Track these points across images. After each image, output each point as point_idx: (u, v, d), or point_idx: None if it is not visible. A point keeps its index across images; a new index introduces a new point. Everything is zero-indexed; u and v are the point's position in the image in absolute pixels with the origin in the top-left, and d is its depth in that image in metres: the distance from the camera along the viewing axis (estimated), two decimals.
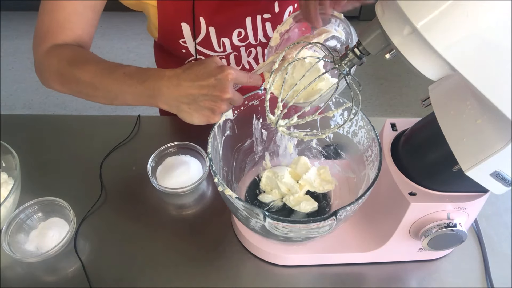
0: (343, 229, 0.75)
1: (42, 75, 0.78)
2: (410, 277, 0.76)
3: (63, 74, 0.73)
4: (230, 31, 0.88)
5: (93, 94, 0.71)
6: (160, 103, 0.65)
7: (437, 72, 0.45)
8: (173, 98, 0.63)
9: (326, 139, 0.82)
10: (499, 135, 0.49)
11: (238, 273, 0.75)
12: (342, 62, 0.56)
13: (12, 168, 0.81)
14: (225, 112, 0.65)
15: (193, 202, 0.85)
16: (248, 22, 0.88)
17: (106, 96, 0.70)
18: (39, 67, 0.78)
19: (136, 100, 0.67)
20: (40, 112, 2.28)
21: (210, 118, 0.64)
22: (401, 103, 2.36)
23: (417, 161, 0.66)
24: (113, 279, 0.74)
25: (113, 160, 0.91)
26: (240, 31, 0.88)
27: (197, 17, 0.84)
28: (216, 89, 0.61)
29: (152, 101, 0.65)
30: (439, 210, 0.65)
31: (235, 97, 0.64)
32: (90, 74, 0.70)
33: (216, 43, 0.89)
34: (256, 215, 0.59)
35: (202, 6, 0.83)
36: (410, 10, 0.41)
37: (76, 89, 0.74)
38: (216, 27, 0.86)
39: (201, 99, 0.62)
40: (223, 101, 0.62)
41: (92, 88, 0.71)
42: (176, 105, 0.64)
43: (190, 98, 0.62)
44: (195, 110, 0.64)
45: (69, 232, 0.75)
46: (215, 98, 0.62)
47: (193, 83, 0.62)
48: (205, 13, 0.84)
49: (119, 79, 0.68)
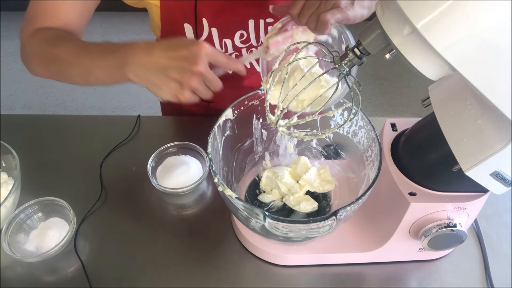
0: (343, 229, 0.75)
1: (25, 59, 0.77)
2: (410, 277, 0.76)
3: (43, 54, 0.72)
4: (233, 32, 0.88)
5: (69, 72, 0.69)
6: (129, 73, 0.61)
7: (437, 72, 0.45)
8: (142, 67, 0.60)
9: (326, 139, 0.82)
10: (499, 135, 0.49)
11: (238, 273, 0.75)
12: (342, 62, 0.56)
13: (12, 168, 0.81)
14: (198, 90, 0.60)
15: (193, 202, 0.85)
16: (251, 24, 0.88)
17: (81, 73, 0.68)
18: (23, 50, 0.77)
19: (107, 73, 0.64)
20: (40, 112, 2.28)
21: (178, 93, 0.60)
22: (401, 103, 2.36)
23: (417, 161, 0.66)
24: (113, 279, 0.74)
25: (113, 160, 0.91)
26: (243, 33, 0.89)
27: (200, 18, 0.84)
28: (187, 61, 0.58)
29: (121, 72, 0.62)
30: (439, 210, 0.65)
31: (208, 74, 0.59)
32: (67, 51, 0.69)
33: (218, 44, 0.89)
34: (256, 215, 0.59)
35: (205, 7, 0.83)
36: (410, 10, 0.41)
37: (54, 70, 0.72)
38: (219, 29, 0.87)
39: (170, 70, 0.58)
40: (193, 74, 0.58)
41: (67, 65, 0.69)
42: (145, 76, 0.61)
43: (159, 68, 0.59)
44: (163, 83, 0.60)
45: (69, 232, 0.75)
46: (185, 70, 0.58)
47: (164, 53, 0.59)
48: (208, 14, 0.84)
49: (92, 53, 0.66)
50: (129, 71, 0.61)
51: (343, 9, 0.60)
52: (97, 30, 2.66)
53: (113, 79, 0.65)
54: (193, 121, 1.02)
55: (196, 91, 0.61)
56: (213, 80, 0.61)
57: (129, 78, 0.62)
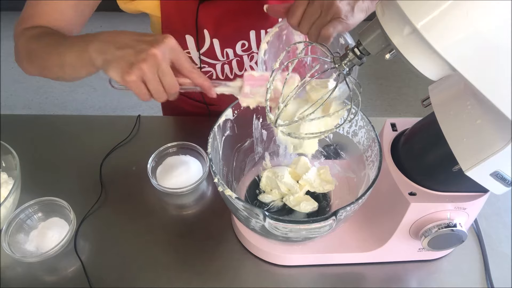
0: (343, 229, 0.75)
1: (17, 58, 0.77)
2: (410, 277, 0.76)
3: (29, 50, 0.72)
4: (234, 42, 0.89)
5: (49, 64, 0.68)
6: (91, 49, 0.58)
7: (437, 72, 0.45)
8: (105, 42, 0.58)
9: (326, 139, 0.82)
10: (499, 135, 0.49)
11: (238, 273, 0.75)
12: (342, 62, 0.56)
13: (12, 168, 0.81)
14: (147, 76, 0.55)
15: (193, 202, 0.85)
16: (252, 35, 0.88)
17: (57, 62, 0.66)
18: (15, 49, 0.77)
19: (77, 56, 0.62)
20: (40, 112, 2.28)
21: (125, 73, 0.54)
22: (401, 103, 2.36)
23: (417, 161, 0.66)
24: (113, 279, 0.74)
25: (113, 160, 0.91)
26: (244, 42, 0.89)
27: (201, 30, 0.84)
28: (147, 43, 0.54)
29: (85, 50, 0.59)
30: (439, 210, 0.65)
31: (164, 63, 0.54)
32: (49, 44, 0.69)
33: (220, 53, 0.90)
34: (256, 215, 0.59)
35: (206, 19, 0.83)
36: (410, 10, 0.41)
37: (39, 64, 0.71)
38: (220, 39, 0.87)
39: (128, 50, 0.55)
40: (148, 56, 0.53)
41: (47, 57, 0.68)
42: (103, 51, 0.57)
43: (118, 46, 0.56)
44: (115, 59, 0.55)
45: (69, 232, 0.75)
46: (140, 51, 0.54)
47: (130, 35, 0.57)
48: (209, 25, 0.84)
49: (67, 41, 0.66)
50: (92, 48, 0.59)
51: (343, 19, 0.59)
52: (97, 30, 2.66)
53: (82, 63, 0.62)
54: (193, 121, 1.02)
55: (145, 79, 0.55)
56: (167, 74, 0.55)
57: (90, 56, 0.59)
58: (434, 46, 0.40)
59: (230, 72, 0.95)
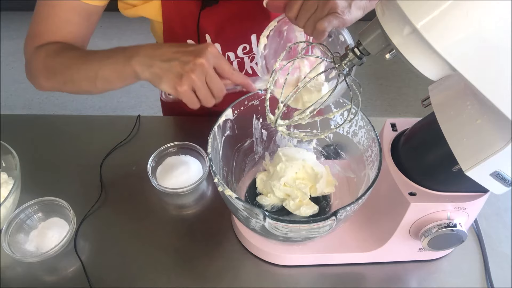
0: (343, 229, 0.75)
1: (31, 74, 0.78)
2: (410, 277, 0.76)
3: (49, 66, 0.73)
4: (236, 46, 0.89)
5: (76, 78, 0.70)
6: (135, 64, 0.62)
7: (437, 72, 0.45)
8: (148, 57, 0.61)
9: (326, 139, 0.82)
10: (499, 135, 0.49)
11: (238, 273, 0.75)
12: (342, 62, 0.56)
13: (12, 168, 0.81)
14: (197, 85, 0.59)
15: (193, 202, 0.85)
16: (253, 38, 0.88)
17: (88, 76, 0.68)
18: (28, 66, 0.78)
19: (114, 71, 0.65)
20: (40, 112, 2.28)
21: (176, 84, 0.59)
22: (401, 103, 2.36)
23: (417, 161, 0.66)
24: (113, 279, 0.74)
25: (113, 160, 0.91)
26: (245, 46, 0.89)
27: (203, 34, 0.85)
28: (190, 54, 0.58)
29: (128, 66, 0.62)
30: (439, 210, 0.65)
31: (210, 70, 0.59)
32: (73, 57, 0.70)
33: None
34: (256, 215, 0.59)
35: (208, 24, 0.83)
36: (410, 10, 0.41)
37: (61, 79, 0.73)
38: (222, 43, 0.87)
39: (174, 62, 0.59)
40: (195, 66, 0.58)
41: (75, 70, 0.70)
42: (148, 64, 0.61)
43: (164, 59, 0.60)
44: (164, 72, 0.59)
45: (69, 232, 0.75)
46: (187, 62, 0.58)
47: (172, 47, 0.60)
48: (211, 30, 0.84)
49: (100, 55, 0.67)
50: (135, 61, 0.62)
51: (340, 14, 0.60)
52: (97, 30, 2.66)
53: (120, 76, 0.65)
54: (193, 121, 1.02)
55: (195, 87, 0.60)
56: (214, 80, 0.60)
57: (134, 70, 0.62)
58: (434, 46, 0.40)
59: None
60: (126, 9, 0.83)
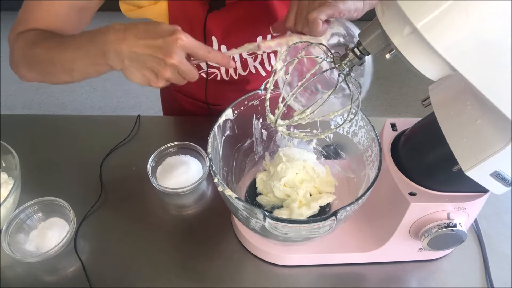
0: (343, 229, 0.75)
1: (13, 64, 0.75)
2: (410, 277, 0.76)
3: (27, 56, 0.71)
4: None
5: (54, 70, 0.68)
6: (110, 60, 0.60)
7: (437, 72, 0.45)
8: (118, 53, 0.59)
9: (326, 139, 0.82)
10: (499, 135, 0.49)
11: (238, 273, 0.75)
12: (342, 62, 0.56)
13: (12, 168, 0.81)
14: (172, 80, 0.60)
15: (193, 202, 0.85)
16: (259, 40, 0.88)
17: (64, 68, 0.66)
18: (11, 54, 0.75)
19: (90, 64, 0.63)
20: (40, 112, 2.28)
21: (152, 81, 0.60)
22: (401, 103, 2.36)
23: (417, 161, 0.66)
24: (113, 279, 0.74)
25: (113, 160, 0.91)
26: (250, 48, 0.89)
27: (209, 37, 0.85)
28: (162, 52, 0.57)
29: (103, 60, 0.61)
30: (439, 210, 0.65)
31: (183, 66, 0.58)
32: (48, 49, 0.68)
33: None
34: (256, 215, 0.59)
35: (215, 26, 0.83)
36: (410, 10, 0.41)
37: (40, 70, 0.70)
38: (228, 45, 0.87)
39: (145, 59, 0.58)
40: (167, 66, 0.57)
41: (51, 63, 0.67)
42: (120, 60, 0.60)
43: (134, 56, 0.58)
44: (136, 69, 0.59)
45: (69, 232, 0.75)
46: (159, 61, 0.57)
47: (139, 40, 0.58)
48: (218, 33, 0.84)
49: (72, 46, 0.65)
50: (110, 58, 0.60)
51: (331, 3, 0.59)
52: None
53: (95, 70, 0.64)
54: (193, 121, 1.02)
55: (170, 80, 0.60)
56: (187, 72, 0.59)
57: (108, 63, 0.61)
58: (434, 46, 0.40)
59: (235, 72, 0.95)
60: (130, 11, 0.82)
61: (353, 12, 0.61)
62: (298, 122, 0.64)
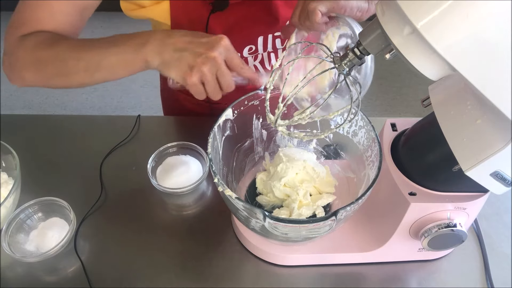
0: (343, 229, 0.75)
1: (13, 65, 0.73)
2: (410, 277, 0.76)
3: (40, 57, 0.69)
4: (242, 47, 0.89)
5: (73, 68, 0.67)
6: (148, 51, 0.61)
7: (437, 72, 0.45)
8: (160, 44, 0.60)
9: (326, 139, 0.82)
10: (499, 135, 0.49)
11: (238, 273, 0.75)
12: (342, 62, 0.56)
13: (12, 168, 0.81)
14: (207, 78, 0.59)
15: (193, 202, 0.85)
16: (260, 40, 0.89)
17: (87, 66, 0.66)
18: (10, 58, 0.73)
19: (122, 59, 0.63)
20: (40, 112, 2.28)
21: (186, 75, 0.59)
22: (401, 103, 2.36)
23: (417, 161, 0.66)
24: (113, 279, 0.74)
25: (113, 160, 0.91)
26: (251, 47, 0.90)
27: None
28: (203, 46, 0.58)
29: (140, 53, 0.61)
30: (439, 210, 0.65)
31: (222, 64, 0.58)
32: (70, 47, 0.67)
33: None
34: (256, 215, 0.59)
35: (217, 27, 0.83)
36: (410, 10, 0.41)
37: (52, 71, 0.69)
38: None
39: (186, 52, 0.58)
40: (207, 59, 0.57)
41: (73, 61, 0.67)
42: (160, 52, 0.60)
43: (176, 48, 0.59)
44: (175, 61, 0.59)
45: (69, 232, 0.75)
46: (199, 54, 0.57)
47: (185, 37, 0.59)
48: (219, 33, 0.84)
49: (103, 44, 0.65)
50: (149, 49, 0.61)
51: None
52: (97, 30, 2.67)
53: (127, 65, 0.64)
54: (193, 121, 1.02)
55: (205, 80, 0.59)
56: (225, 74, 0.59)
57: (145, 58, 0.61)
58: (434, 46, 0.40)
59: None
60: (132, 10, 0.82)
61: (356, 10, 0.61)
62: (298, 122, 0.64)
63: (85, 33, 0.82)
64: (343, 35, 0.68)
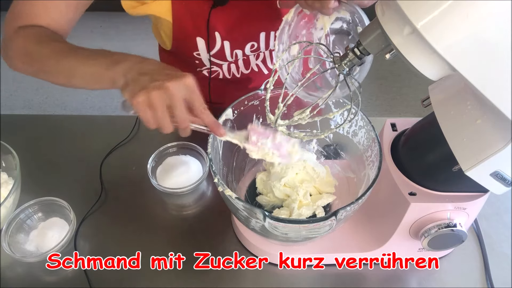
0: (343, 229, 0.75)
1: (8, 54, 0.75)
2: (410, 277, 0.76)
3: (28, 51, 0.71)
4: (244, 44, 0.89)
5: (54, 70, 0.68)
6: (118, 69, 0.60)
7: (437, 72, 0.45)
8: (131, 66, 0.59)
9: (326, 139, 0.82)
10: (499, 135, 0.49)
11: (238, 273, 0.75)
12: (342, 62, 0.56)
13: (12, 168, 0.81)
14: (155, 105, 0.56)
15: (193, 202, 0.85)
16: (262, 36, 0.88)
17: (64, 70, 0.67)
18: (6, 45, 0.75)
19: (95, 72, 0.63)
20: (40, 112, 2.28)
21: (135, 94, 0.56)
22: (401, 103, 2.36)
23: (417, 161, 0.66)
24: (113, 279, 0.74)
25: (113, 160, 0.91)
26: (253, 43, 0.89)
27: (213, 32, 0.85)
28: (164, 76, 0.56)
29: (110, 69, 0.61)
30: (439, 210, 0.65)
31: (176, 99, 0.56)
32: (55, 49, 0.69)
33: (229, 54, 0.90)
34: (256, 215, 0.59)
35: (218, 22, 0.83)
36: (410, 10, 0.41)
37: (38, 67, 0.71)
38: (231, 41, 0.87)
39: (145, 77, 0.57)
40: (161, 87, 0.55)
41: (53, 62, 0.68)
42: (127, 73, 0.59)
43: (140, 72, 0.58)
44: (132, 82, 0.58)
45: (69, 232, 0.75)
46: (156, 80, 0.56)
47: (154, 66, 0.59)
48: (221, 28, 0.84)
49: (82, 55, 0.66)
50: (119, 68, 0.60)
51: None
52: (97, 30, 2.66)
53: (97, 79, 0.64)
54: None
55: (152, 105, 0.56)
56: (178, 108, 0.57)
57: (113, 76, 0.61)
58: (434, 46, 0.40)
59: (237, 71, 0.95)
60: (134, 7, 0.82)
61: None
62: (298, 122, 0.64)
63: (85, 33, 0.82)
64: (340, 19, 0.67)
